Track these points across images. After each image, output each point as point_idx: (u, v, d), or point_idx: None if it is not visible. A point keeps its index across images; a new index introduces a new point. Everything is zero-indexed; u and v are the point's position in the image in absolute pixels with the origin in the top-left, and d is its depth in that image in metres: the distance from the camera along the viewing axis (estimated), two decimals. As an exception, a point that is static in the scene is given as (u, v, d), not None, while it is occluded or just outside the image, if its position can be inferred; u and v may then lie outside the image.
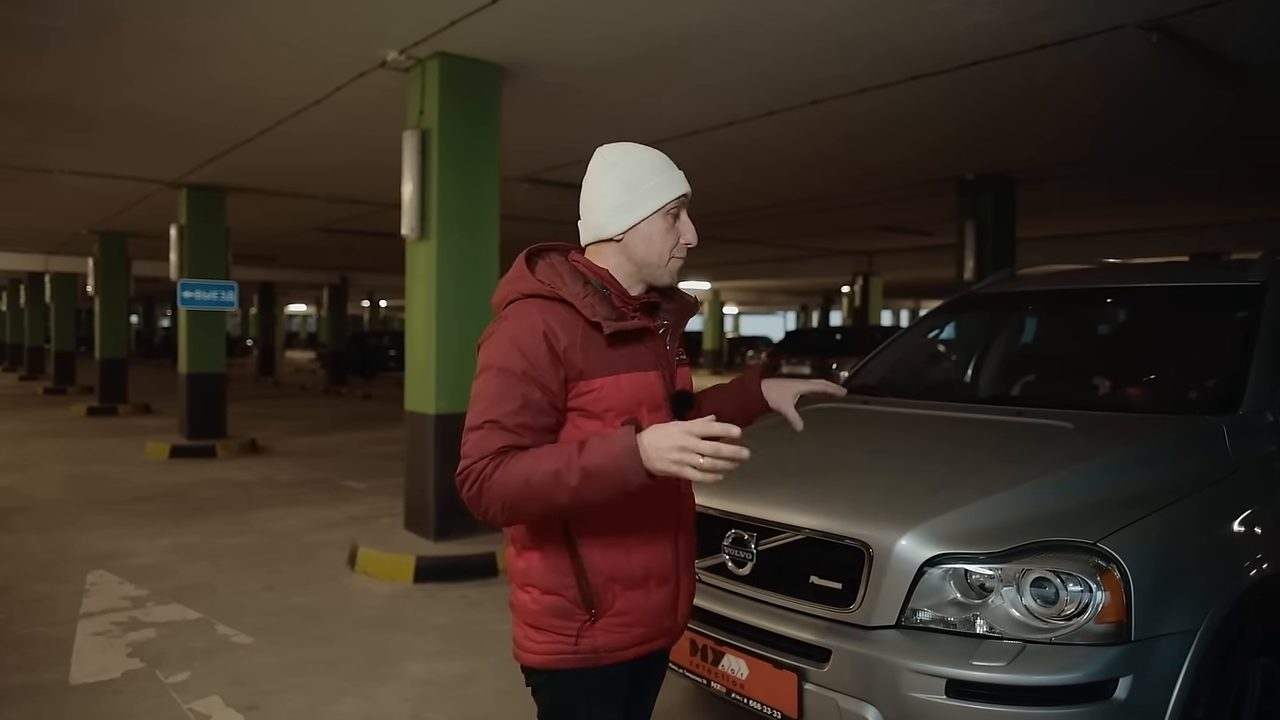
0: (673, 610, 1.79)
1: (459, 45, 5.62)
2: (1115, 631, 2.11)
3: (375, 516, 7.14)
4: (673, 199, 1.76)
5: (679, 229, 1.78)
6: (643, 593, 1.73)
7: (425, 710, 3.62)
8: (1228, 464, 2.61)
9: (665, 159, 1.80)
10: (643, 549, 1.73)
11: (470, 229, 5.99)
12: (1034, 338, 4.14)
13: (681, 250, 1.79)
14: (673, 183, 1.78)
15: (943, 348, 4.63)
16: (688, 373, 1.90)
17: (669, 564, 1.77)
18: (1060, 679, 2.07)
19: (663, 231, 1.76)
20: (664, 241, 1.76)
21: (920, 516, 2.33)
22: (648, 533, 1.73)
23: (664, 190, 1.76)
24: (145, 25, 5.39)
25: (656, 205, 1.74)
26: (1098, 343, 3.90)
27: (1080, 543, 2.19)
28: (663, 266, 1.77)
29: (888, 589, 2.28)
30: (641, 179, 1.76)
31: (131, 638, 4.44)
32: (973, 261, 9.87)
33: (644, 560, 1.73)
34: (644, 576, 1.73)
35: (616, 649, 1.72)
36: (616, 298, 1.76)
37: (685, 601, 1.84)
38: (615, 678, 1.76)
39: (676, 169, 1.81)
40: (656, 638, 1.78)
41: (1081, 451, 2.61)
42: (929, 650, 2.20)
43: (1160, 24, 5.04)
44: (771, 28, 5.26)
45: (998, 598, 2.21)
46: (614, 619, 1.71)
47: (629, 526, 1.71)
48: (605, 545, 1.70)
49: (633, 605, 1.72)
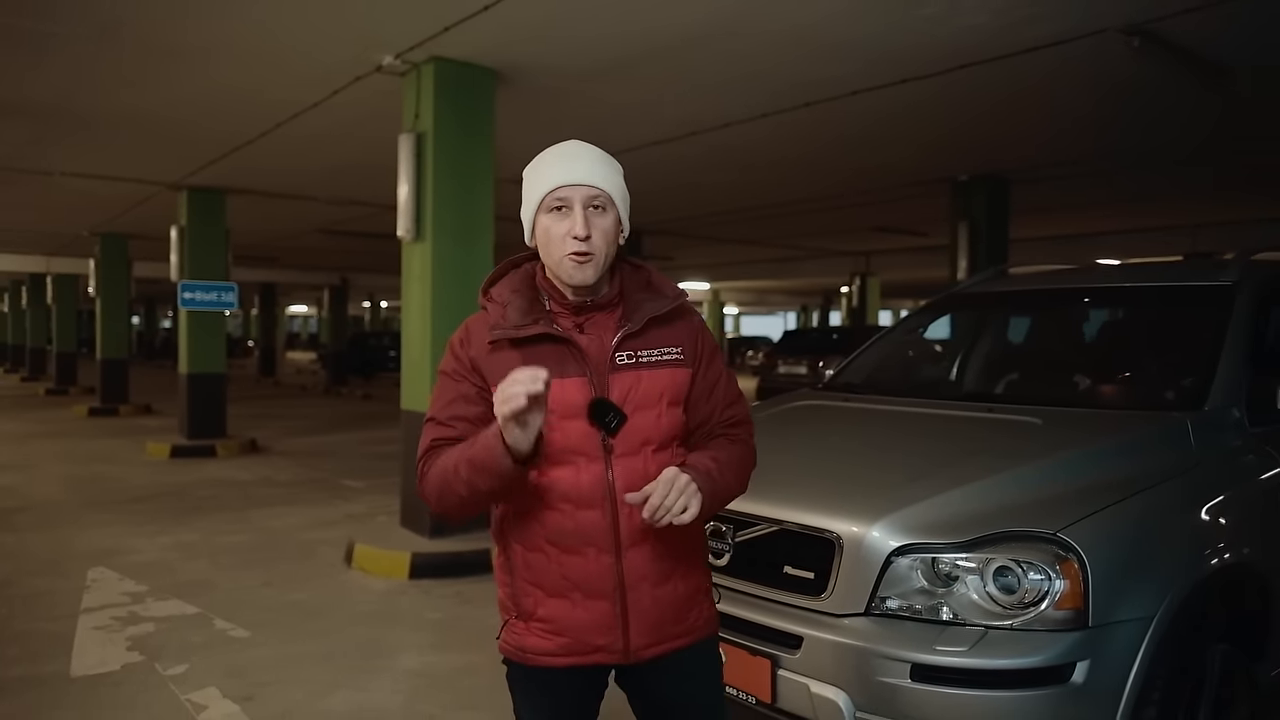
0: (613, 629, 1.68)
1: (453, 50, 5.71)
2: (1073, 618, 2.20)
3: (372, 514, 7.22)
4: (544, 193, 1.64)
5: (567, 224, 1.63)
6: (567, 603, 1.68)
7: (418, 702, 3.71)
8: (1191, 458, 2.70)
9: (556, 150, 1.68)
10: (565, 559, 1.67)
11: (465, 231, 6.09)
12: (1013, 336, 4.23)
13: (569, 245, 1.63)
14: (543, 178, 1.65)
15: (921, 348, 4.71)
16: (661, 376, 1.71)
17: (602, 579, 1.67)
18: (1020, 663, 2.16)
19: (548, 230, 1.65)
20: (553, 240, 1.64)
21: (888, 508, 2.41)
22: (571, 545, 1.67)
23: (536, 187, 1.66)
24: (144, 30, 5.48)
25: (534, 204, 1.67)
26: (1075, 341, 3.98)
27: (1041, 533, 2.27)
28: (556, 266, 1.67)
29: (857, 578, 2.37)
30: (525, 186, 1.69)
31: (131, 632, 4.53)
32: (966, 262, 9.94)
33: (566, 571, 1.68)
34: (567, 587, 1.68)
35: (542, 654, 1.72)
36: (554, 303, 1.71)
37: (642, 621, 1.69)
38: (548, 682, 1.75)
39: (565, 161, 1.65)
40: (590, 653, 1.70)
41: (1047, 446, 2.69)
42: (895, 636, 2.28)
43: (1142, 28, 5.12)
44: (765, 30, 5.34)
45: (962, 586, 2.30)
46: (539, 624, 1.71)
47: (551, 536, 1.68)
48: (527, 550, 1.71)
49: (556, 614, 1.69)
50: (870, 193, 11.13)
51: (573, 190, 1.62)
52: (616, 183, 1.69)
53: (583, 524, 1.66)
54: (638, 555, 1.68)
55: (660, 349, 1.71)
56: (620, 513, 1.66)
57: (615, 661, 1.72)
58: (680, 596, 1.74)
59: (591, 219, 1.63)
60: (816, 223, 13.90)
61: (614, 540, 1.66)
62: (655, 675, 1.77)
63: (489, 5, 4.91)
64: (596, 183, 1.64)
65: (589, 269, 1.64)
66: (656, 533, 1.67)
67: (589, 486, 1.65)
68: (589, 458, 1.65)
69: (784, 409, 3.62)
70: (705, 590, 1.84)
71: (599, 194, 1.64)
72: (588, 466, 1.65)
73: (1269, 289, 3.39)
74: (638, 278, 1.79)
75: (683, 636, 1.76)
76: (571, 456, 1.65)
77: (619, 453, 1.66)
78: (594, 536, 1.66)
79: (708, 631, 1.83)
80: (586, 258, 1.63)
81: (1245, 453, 2.90)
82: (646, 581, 1.69)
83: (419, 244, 6.07)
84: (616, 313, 1.71)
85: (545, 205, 1.64)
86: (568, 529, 1.66)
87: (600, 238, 1.64)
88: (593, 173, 1.64)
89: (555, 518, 1.66)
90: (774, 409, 3.65)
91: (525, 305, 1.68)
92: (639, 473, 1.65)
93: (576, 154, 1.66)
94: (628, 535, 1.67)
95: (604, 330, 1.69)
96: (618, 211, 1.69)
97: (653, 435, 1.69)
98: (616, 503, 1.65)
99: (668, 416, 1.71)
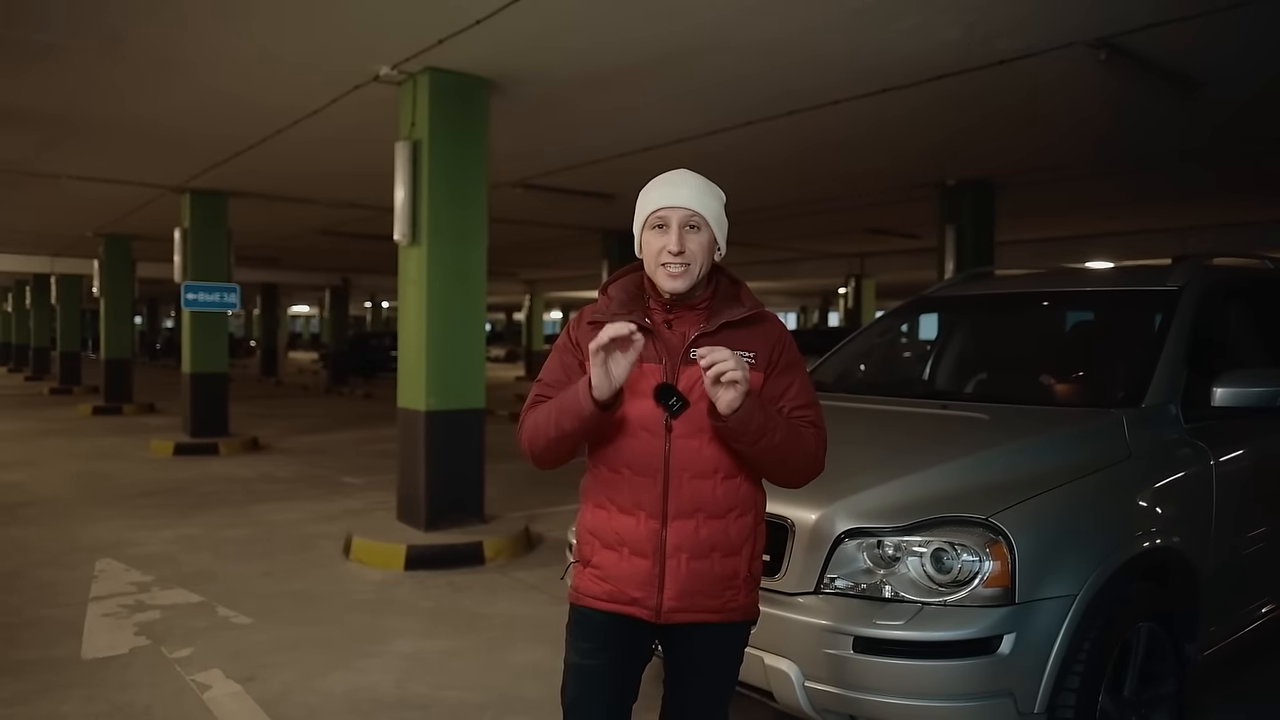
0: (650, 586, 1.92)
1: (448, 61, 5.92)
2: (1001, 595, 2.41)
3: (370, 509, 7.44)
4: (648, 213, 1.94)
5: (664, 240, 1.92)
6: (616, 555, 1.95)
7: (409, 682, 3.92)
8: (1123, 451, 2.91)
9: (663, 178, 1.98)
10: (620, 518, 1.94)
11: (459, 236, 6.30)
12: (976, 337, 4.44)
13: (665, 258, 1.91)
14: (649, 200, 1.95)
15: (891, 349, 4.93)
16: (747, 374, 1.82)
17: (646, 541, 1.92)
18: (950, 635, 2.38)
19: (649, 244, 1.95)
20: (650, 253, 1.94)
21: (836, 496, 2.63)
22: (626, 507, 1.94)
23: (643, 208, 1.97)
24: (146, 42, 5.70)
25: (640, 222, 1.97)
26: (1034, 342, 4.19)
27: (973, 518, 2.49)
28: (653, 274, 1.96)
29: (807, 560, 2.59)
30: (639, 203, 1.99)
31: (138, 618, 4.75)
32: (952, 264, 10.15)
33: (619, 528, 1.94)
34: (618, 542, 1.95)
35: (588, 596, 2.00)
36: (653, 300, 1.99)
37: (676, 586, 1.91)
38: (593, 624, 2.00)
39: (668, 186, 1.95)
40: (628, 604, 1.94)
41: (988, 439, 2.92)
42: (841, 612, 2.50)
43: (1108, 42, 5.33)
44: (749, 42, 5.54)
45: (903, 566, 2.52)
46: (593, 570, 1.99)
47: (612, 495, 1.96)
48: (594, 506, 2.00)
49: (606, 563, 1.97)
50: (861, 197, 11.34)
51: (671, 212, 1.91)
52: (712, 208, 1.95)
53: (638, 490, 1.93)
54: (682, 527, 1.92)
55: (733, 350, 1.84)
56: (671, 485, 1.91)
57: (648, 618, 1.94)
58: (716, 575, 1.93)
59: (686, 237, 1.91)
60: (810, 226, 14.11)
61: (662, 509, 1.91)
62: (685, 639, 2.00)
63: (483, 19, 5.13)
64: (693, 206, 1.92)
65: (680, 280, 1.91)
66: (703, 512, 1.91)
67: (648, 457, 1.92)
68: (652, 433, 1.92)
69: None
70: (746, 580, 1.99)
71: (694, 215, 1.92)
72: (650, 440, 1.92)
73: (1214, 293, 3.60)
74: (731, 289, 2.05)
75: (713, 612, 1.96)
76: (639, 430, 1.92)
77: (679, 433, 1.91)
78: (646, 502, 1.92)
79: (740, 616, 2.00)
80: (680, 269, 1.90)
81: (1179, 447, 3.12)
82: (685, 552, 1.92)
83: (415, 247, 6.28)
84: (703, 314, 1.98)
85: (649, 223, 1.94)
86: (625, 491, 1.94)
87: (693, 253, 1.91)
88: (690, 198, 1.93)
89: (617, 480, 1.95)
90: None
91: (628, 299, 2.00)
92: (694, 452, 1.91)
93: (679, 181, 1.95)
94: (674, 507, 1.91)
95: (688, 327, 1.96)
96: (712, 232, 1.95)
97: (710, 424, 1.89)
98: (669, 476, 1.91)
99: None
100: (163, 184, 10.81)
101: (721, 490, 1.92)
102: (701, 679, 2.05)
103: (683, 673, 2.05)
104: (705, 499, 1.91)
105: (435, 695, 3.78)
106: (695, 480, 1.91)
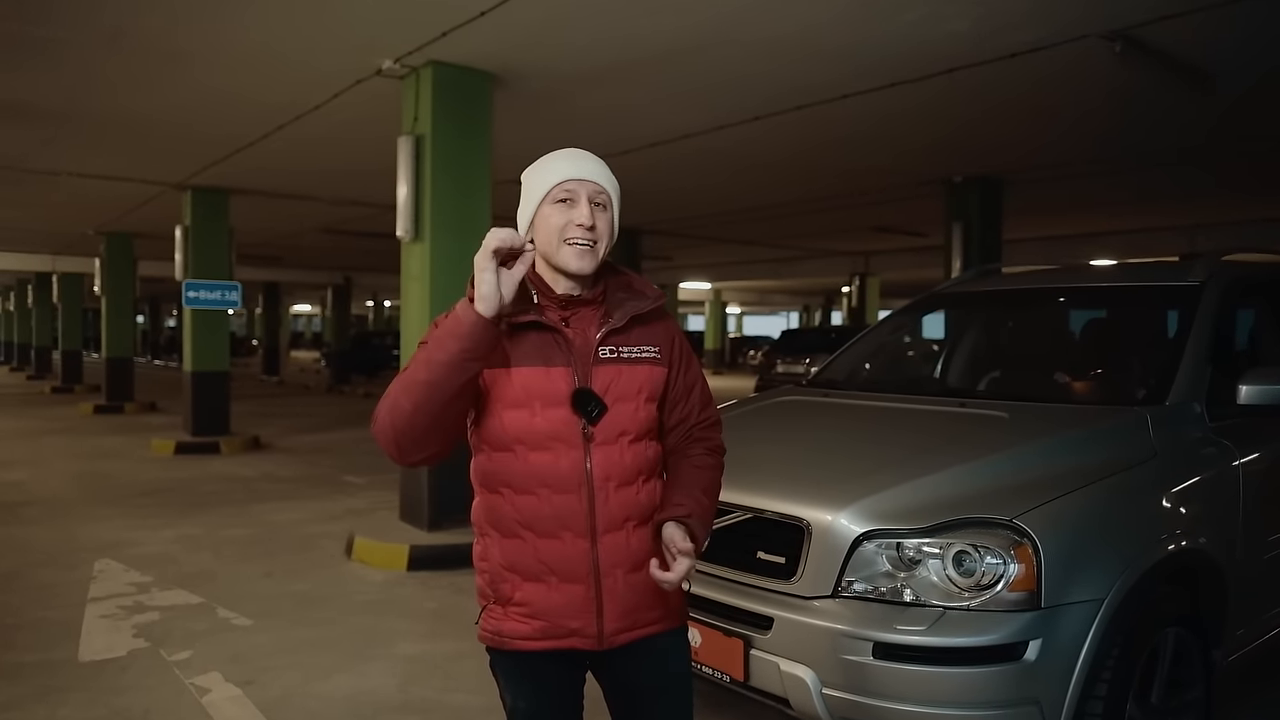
0: (587, 612, 1.75)
1: (451, 54, 5.84)
2: (1026, 599, 2.33)
3: (373, 509, 7.36)
4: (551, 185, 1.75)
5: (572, 214, 1.74)
6: (543, 587, 1.75)
7: (412, 685, 3.85)
8: (1148, 450, 2.82)
9: (563, 151, 1.81)
10: (541, 544, 1.74)
11: (462, 232, 6.22)
12: (991, 334, 4.35)
13: (573, 232, 1.73)
14: (553, 172, 1.76)
15: (902, 346, 4.84)
16: (640, 372, 1.80)
17: (577, 564, 1.74)
18: (975, 641, 2.29)
19: (548, 220, 1.75)
20: (551, 229, 1.74)
21: (854, 497, 2.54)
22: (548, 529, 1.74)
23: (543, 180, 1.76)
24: (147, 36, 5.63)
25: (538, 197, 1.76)
26: (1050, 339, 4.11)
27: (997, 519, 2.40)
28: (555, 253, 1.75)
29: (825, 562, 2.50)
30: (527, 182, 1.80)
31: (137, 620, 4.67)
32: (960, 262, 10.05)
33: (543, 555, 1.74)
34: (544, 571, 1.75)
35: (518, 637, 1.78)
36: (541, 296, 1.79)
37: (616, 606, 1.76)
38: (526, 667, 1.81)
39: (574, 159, 1.78)
40: (564, 637, 1.76)
41: (1010, 439, 2.83)
42: (860, 617, 2.41)
43: (1123, 34, 5.24)
44: (755, 37, 5.47)
45: (924, 569, 2.43)
46: (517, 608, 1.77)
47: (528, 521, 1.75)
48: (504, 536, 1.77)
49: (533, 597, 1.75)
50: (867, 193, 11.25)
51: (580, 185, 1.74)
52: (616, 190, 1.82)
53: (560, 509, 1.73)
54: (612, 541, 1.75)
55: (640, 346, 1.80)
56: (596, 498, 1.73)
57: (589, 647, 1.77)
58: (654, 583, 1.75)
59: (595, 213, 1.75)
60: (814, 223, 14.03)
61: (590, 525, 1.73)
62: (627, 660, 1.83)
63: (486, 11, 5.05)
64: (601, 182, 1.77)
65: (589, 258, 1.74)
66: (632, 520, 1.77)
67: (567, 472, 1.73)
68: (568, 444, 1.73)
69: (765, 404, 3.75)
70: None
71: (602, 192, 1.77)
72: (567, 453, 1.72)
73: (1235, 289, 3.52)
74: (619, 280, 1.88)
75: (656, 623, 1.82)
76: (552, 443, 1.73)
77: (598, 441, 1.74)
78: (570, 521, 1.73)
79: (680, 620, 1.89)
80: (589, 246, 1.73)
81: (1205, 445, 3.03)
82: (620, 567, 1.76)
83: (418, 244, 6.21)
84: (599, 310, 1.80)
85: (552, 196, 1.74)
86: (545, 514, 1.73)
87: (602, 231, 1.76)
88: (598, 173, 1.78)
89: (533, 503, 1.74)
90: (755, 404, 3.78)
91: (514, 298, 1.71)
92: (615, 461, 1.75)
93: (584, 155, 1.80)
94: (603, 521, 1.74)
95: (588, 325, 1.78)
96: (613, 214, 1.80)
97: (629, 427, 1.77)
98: (593, 489, 1.73)
99: (644, 410, 1.80)
100: (164, 181, 10.75)
101: (645, 494, 1.79)
102: (667, 697, 1.88)
103: (638, 697, 1.87)
104: (633, 507, 1.77)
105: (439, 699, 3.71)
106: (621, 489, 1.76)
